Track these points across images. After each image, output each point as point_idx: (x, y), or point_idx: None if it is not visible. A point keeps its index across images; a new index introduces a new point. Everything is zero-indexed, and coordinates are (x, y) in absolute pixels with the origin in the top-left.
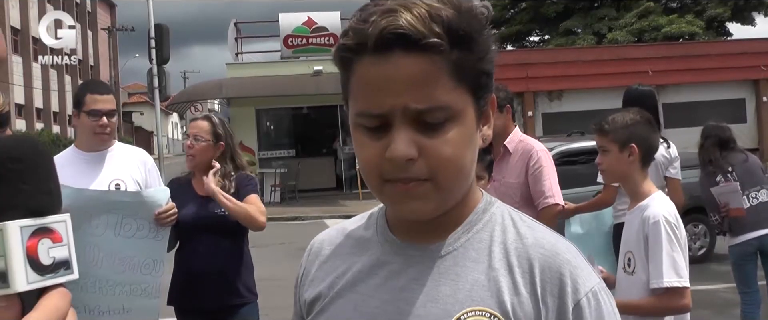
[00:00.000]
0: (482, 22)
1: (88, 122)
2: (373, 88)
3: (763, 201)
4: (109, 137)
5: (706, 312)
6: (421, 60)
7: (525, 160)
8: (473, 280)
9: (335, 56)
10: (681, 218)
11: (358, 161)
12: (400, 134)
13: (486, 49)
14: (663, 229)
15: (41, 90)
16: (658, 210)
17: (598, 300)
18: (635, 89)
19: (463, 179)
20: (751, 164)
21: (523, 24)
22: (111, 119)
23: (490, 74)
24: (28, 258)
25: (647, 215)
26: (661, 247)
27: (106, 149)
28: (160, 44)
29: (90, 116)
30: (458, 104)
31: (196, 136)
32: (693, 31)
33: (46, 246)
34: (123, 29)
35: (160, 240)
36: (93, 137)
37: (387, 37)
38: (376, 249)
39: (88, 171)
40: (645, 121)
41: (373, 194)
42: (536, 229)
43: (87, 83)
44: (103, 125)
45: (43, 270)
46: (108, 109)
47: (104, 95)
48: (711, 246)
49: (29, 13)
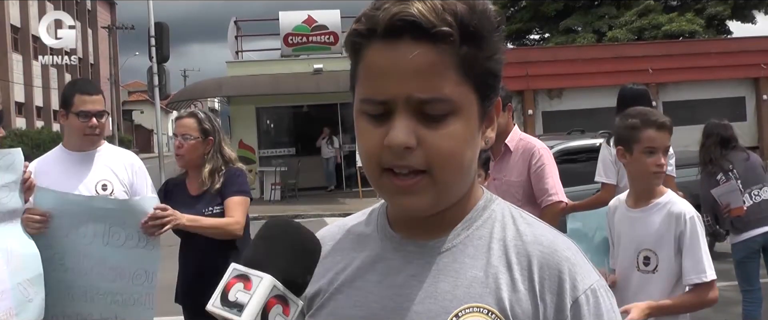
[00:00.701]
0: (494, 23)
1: (77, 122)
2: (379, 74)
3: (765, 199)
4: (98, 138)
5: (707, 311)
6: (430, 50)
7: (526, 158)
8: (472, 277)
9: (346, 42)
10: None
11: (358, 150)
12: (401, 122)
13: (495, 50)
14: (699, 225)
15: (41, 88)
16: (688, 208)
17: (596, 297)
18: (629, 89)
19: (461, 176)
20: (752, 163)
21: (523, 22)
22: (100, 119)
23: (497, 76)
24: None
25: (678, 213)
26: (699, 243)
27: (94, 149)
28: (160, 42)
29: (79, 116)
30: (462, 100)
31: (184, 135)
32: (693, 30)
33: (275, 312)
34: (123, 27)
35: (152, 250)
36: (82, 138)
37: (397, 24)
38: (375, 245)
39: (76, 172)
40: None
41: (372, 186)
42: (536, 226)
43: (75, 82)
44: (93, 126)
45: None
46: (97, 110)
47: (93, 96)
48: (711, 244)
49: (29, 11)
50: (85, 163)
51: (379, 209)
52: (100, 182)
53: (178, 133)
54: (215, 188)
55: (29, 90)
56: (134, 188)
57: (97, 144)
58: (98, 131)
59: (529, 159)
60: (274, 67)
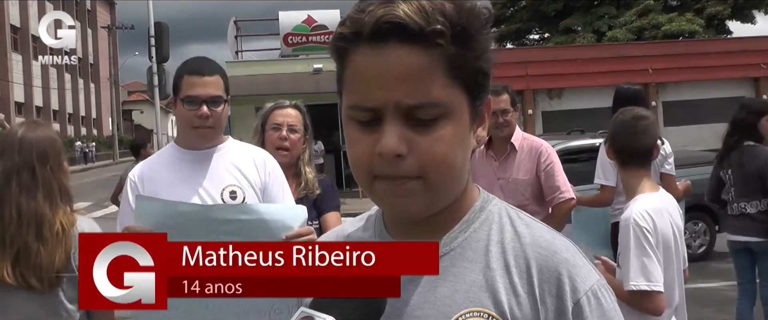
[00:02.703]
0: (482, 21)
1: (184, 111)
2: (367, 80)
3: (749, 213)
4: (212, 132)
5: (707, 310)
6: (417, 53)
7: (534, 157)
8: (471, 281)
9: (331, 46)
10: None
11: (349, 157)
12: (391, 129)
13: (484, 48)
14: (632, 233)
15: (41, 88)
16: (630, 213)
17: (598, 298)
18: (625, 89)
19: (454, 179)
20: (748, 173)
21: (522, 22)
22: (215, 107)
23: (487, 74)
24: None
25: (624, 217)
26: (628, 251)
27: (213, 146)
28: (159, 42)
29: (186, 103)
30: (452, 102)
31: (291, 126)
32: (693, 29)
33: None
34: (123, 27)
35: None
36: (191, 132)
37: (383, 27)
38: None
39: (191, 175)
40: (616, 122)
41: (363, 191)
42: (534, 227)
43: (186, 62)
44: (203, 115)
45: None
46: (209, 94)
47: (204, 77)
48: (711, 243)
49: (29, 11)
50: (202, 163)
51: (375, 215)
52: (227, 189)
53: (282, 123)
54: (315, 196)
55: (29, 90)
56: (268, 194)
57: (213, 140)
58: (210, 122)
59: (536, 158)
60: (274, 67)
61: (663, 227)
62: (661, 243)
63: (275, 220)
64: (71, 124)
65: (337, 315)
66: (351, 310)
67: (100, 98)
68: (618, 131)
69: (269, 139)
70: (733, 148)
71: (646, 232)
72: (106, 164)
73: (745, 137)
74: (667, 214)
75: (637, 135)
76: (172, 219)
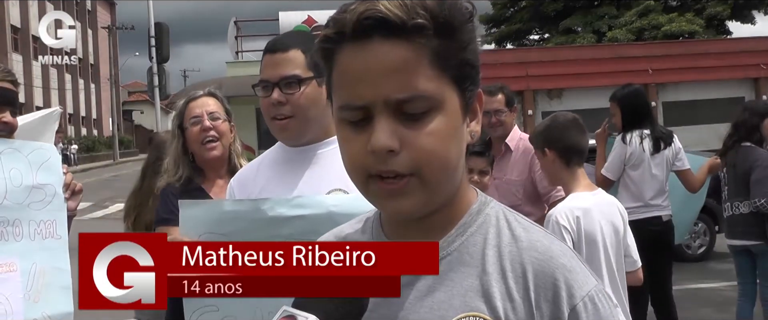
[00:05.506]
0: (465, 14)
1: (261, 100)
2: (353, 78)
3: (742, 212)
4: (295, 123)
5: (707, 310)
6: (401, 47)
7: (527, 158)
8: (467, 286)
9: (317, 50)
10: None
11: (342, 159)
12: (381, 125)
13: (469, 40)
14: (551, 229)
15: (41, 88)
16: (555, 210)
17: (595, 304)
18: (624, 89)
19: (448, 174)
20: (739, 174)
21: (522, 22)
22: (289, 91)
23: (474, 66)
24: None
25: (548, 212)
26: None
27: (311, 142)
28: (160, 43)
29: (259, 91)
30: (441, 94)
31: (212, 113)
32: (693, 30)
33: None
34: (123, 28)
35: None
36: (271, 124)
37: (365, 23)
38: None
39: (289, 176)
40: (559, 123)
41: (360, 193)
42: (531, 231)
43: (269, 42)
44: (274, 101)
45: None
46: (279, 75)
47: (277, 54)
48: (711, 244)
49: (29, 11)
50: (302, 163)
51: (373, 217)
52: (334, 191)
53: (203, 112)
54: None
55: (29, 90)
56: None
57: (301, 132)
58: (288, 111)
59: (530, 159)
60: None
61: (588, 226)
62: (584, 240)
63: (345, 213)
64: (71, 124)
65: (320, 315)
66: (333, 309)
67: (100, 99)
68: (564, 131)
69: (191, 136)
70: (731, 148)
71: (563, 230)
72: (107, 165)
73: (744, 138)
74: (598, 213)
75: (584, 135)
76: (220, 226)
